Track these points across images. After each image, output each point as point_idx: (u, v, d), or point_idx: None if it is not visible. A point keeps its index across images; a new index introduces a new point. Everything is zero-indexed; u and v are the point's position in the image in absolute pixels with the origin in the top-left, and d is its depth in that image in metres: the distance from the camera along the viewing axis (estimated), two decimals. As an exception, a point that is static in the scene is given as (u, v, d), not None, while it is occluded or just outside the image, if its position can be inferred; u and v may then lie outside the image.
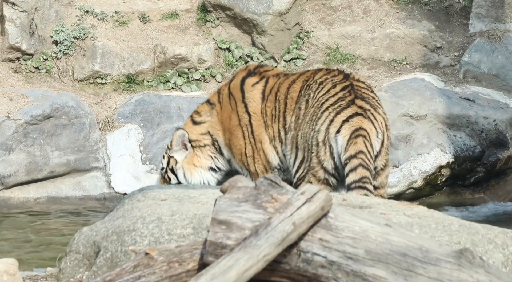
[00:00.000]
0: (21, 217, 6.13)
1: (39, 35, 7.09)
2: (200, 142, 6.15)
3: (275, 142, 5.91)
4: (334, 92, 5.62)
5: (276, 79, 6.04)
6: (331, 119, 5.49)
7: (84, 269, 3.61)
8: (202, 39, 7.34)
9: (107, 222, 3.74)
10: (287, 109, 5.84)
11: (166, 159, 6.21)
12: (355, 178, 5.28)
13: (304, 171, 5.63)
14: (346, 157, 5.34)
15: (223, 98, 6.13)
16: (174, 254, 3.05)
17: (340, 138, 5.42)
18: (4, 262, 3.37)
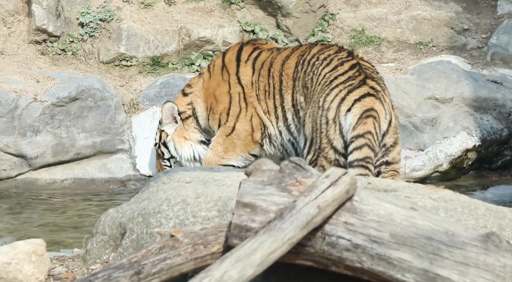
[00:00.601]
0: (48, 198, 6.19)
1: (65, 17, 7.13)
2: (185, 113, 6.11)
3: (270, 116, 5.87)
4: (343, 70, 5.58)
5: (269, 53, 6.00)
6: (342, 97, 5.46)
7: (110, 250, 3.65)
8: (226, 21, 7.33)
9: (132, 204, 3.77)
10: (284, 87, 5.79)
11: (158, 133, 6.20)
12: (359, 156, 5.31)
13: (314, 154, 5.57)
14: (353, 135, 5.35)
15: (214, 69, 6.08)
16: (199, 236, 3.07)
17: (350, 116, 5.41)
18: (32, 243, 3.42)
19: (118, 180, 6.58)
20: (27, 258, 3.36)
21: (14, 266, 3.33)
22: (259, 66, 5.97)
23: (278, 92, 5.84)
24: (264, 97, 5.90)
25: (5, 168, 6.43)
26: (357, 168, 5.31)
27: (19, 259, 3.34)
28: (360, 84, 5.50)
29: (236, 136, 5.94)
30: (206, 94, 6.04)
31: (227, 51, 6.20)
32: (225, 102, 5.96)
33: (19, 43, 7.09)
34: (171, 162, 6.15)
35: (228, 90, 5.97)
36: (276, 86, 5.85)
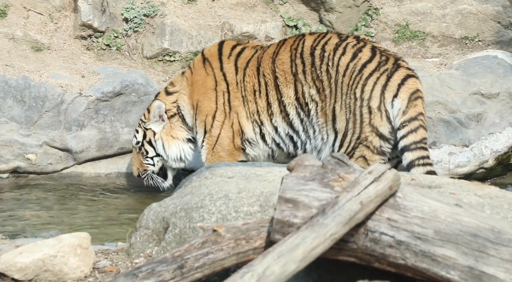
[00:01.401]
0: (93, 192, 6.26)
1: (110, 13, 7.19)
2: (170, 111, 6.05)
3: (260, 116, 5.80)
4: (367, 57, 5.53)
5: (253, 51, 5.94)
6: (383, 84, 5.43)
7: (153, 244, 3.67)
8: (269, 16, 7.32)
9: (175, 199, 3.79)
10: (281, 83, 5.73)
11: (141, 132, 6.11)
12: (416, 138, 5.32)
13: (350, 145, 5.52)
14: (406, 119, 5.35)
15: (196, 63, 6.03)
16: (241, 231, 3.07)
17: (398, 102, 5.39)
18: (77, 236, 3.46)
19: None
20: (73, 251, 3.40)
21: (60, 259, 3.37)
22: (243, 65, 5.90)
23: (274, 89, 5.76)
24: (253, 97, 5.82)
25: (51, 162, 6.53)
26: (416, 151, 5.33)
27: (64, 252, 3.38)
28: (396, 68, 5.48)
29: (220, 148, 5.90)
30: (191, 91, 5.98)
31: (204, 49, 6.18)
32: (212, 101, 5.89)
33: (65, 38, 7.18)
34: (155, 160, 6.09)
35: (215, 86, 5.91)
36: (270, 83, 5.77)
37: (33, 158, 6.48)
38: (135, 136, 6.14)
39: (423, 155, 5.38)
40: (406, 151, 5.36)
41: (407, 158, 5.38)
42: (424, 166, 5.39)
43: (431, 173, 5.38)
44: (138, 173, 6.12)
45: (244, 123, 5.84)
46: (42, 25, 7.16)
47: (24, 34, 7.04)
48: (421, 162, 5.37)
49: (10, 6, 7.11)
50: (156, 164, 6.09)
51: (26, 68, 6.63)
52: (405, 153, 5.36)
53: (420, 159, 5.37)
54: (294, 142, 5.80)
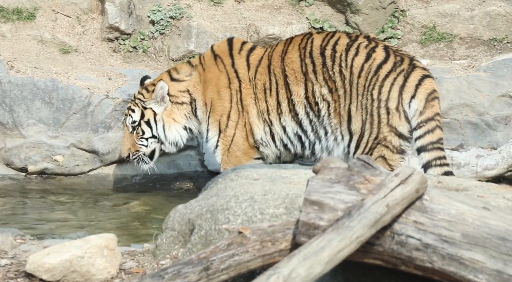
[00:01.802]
0: (119, 193, 6.29)
1: (137, 15, 7.24)
2: (178, 98, 5.98)
3: (270, 115, 5.80)
4: (382, 57, 5.55)
5: (263, 49, 5.95)
6: (400, 84, 5.45)
7: (179, 246, 3.69)
8: (295, 18, 7.32)
9: (201, 200, 3.80)
10: (291, 81, 5.72)
11: (138, 111, 5.96)
12: (433, 139, 5.36)
13: (368, 145, 5.52)
14: (423, 120, 5.39)
15: (206, 60, 5.98)
16: (267, 233, 3.07)
17: (416, 102, 5.42)
18: (104, 237, 3.48)
19: (186, 176, 6.64)
20: (100, 252, 3.42)
21: (87, 260, 3.39)
22: (255, 62, 5.90)
23: (283, 87, 5.75)
24: (264, 95, 5.82)
25: (78, 164, 6.57)
26: (432, 151, 5.35)
27: (91, 253, 3.40)
28: (412, 68, 5.51)
29: (236, 148, 5.88)
30: (204, 88, 5.94)
31: (213, 45, 6.11)
32: (226, 100, 5.86)
33: (93, 41, 7.23)
34: (149, 141, 5.99)
35: (228, 84, 5.88)
36: (280, 82, 5.77)
37: (60, 160, 6.53)
38: (130, 115, 5.97)
39: (440, 156, 5.39)
40: (422, 151, 5.38)
41: (423, 158, 5.40)
42: (441, 166, 5.40)
43: (448, 173, 5.39)
44: (129, 153, 5.97)
45: (254, 123, 5.83)
46: (70, 28, 7.22)
47: (52, 37, 7.11)
48: (438, 162, 5.39)
49: (39, 9, 7.18)
50: (149, 145, 5.98)
51: (54, 70, 6.69)
52: (422, 153, 5.38)
53: (437, 160, 5.39)
54: (302, 142, 5.80)
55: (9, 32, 7.05)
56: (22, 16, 7.11)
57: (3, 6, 7.10)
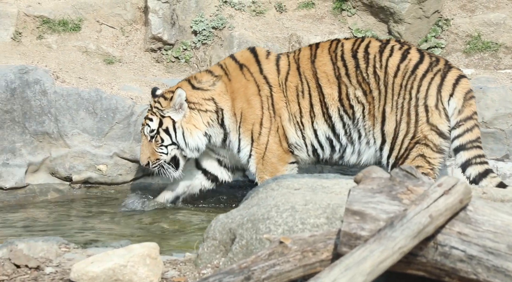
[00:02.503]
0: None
1: (180, 26, 7.30)
2: (201, 105, 5.92)
3: (303, 118, 5.78)
4: (417, 58, 5.62)
5: (285, 55, 5.93)
6: (438, 83, 5.52)
7: (220, 255, 3.69)
8: (337, 28, 7.30)
9: (242, 210, 3.80)
10: (323, 84, 5.73)
11: (156, 119, 5.93)
12: (472, 138, 5.44)
13: (404, 146, 5.52)
14: (461, 119, 5.46)
15: (231, 70, 5.95)
16: (308, 243, 3.06)
17: (454, 101, 5.49)
18: (147, 246, 3.50)
19: (227, 186, 6.65)
20: (142, 261, 3.44)
21: (130, 269, 3.42)
22: (284, 66, 5.89)
23: (316, 90, 5.76)
24: (296, 98, 5.81)
25: (121, 173, 6.63)
26: (472, 150, 5.42)
27: (134, 262, 3.43)
28: (448, 68, 5.60)
29: (271, 154, 5.85)
30: (232, 98, 5.90)
31: (234, 54, 6.07)
32: (257, 108, 5.84)
33: (136, 51, 7.31)
34: (169, 148, 5.95)
35: (258, 91, 5.86)
36: (312, 84, 5.77)
37: (104, 169, 6.59)
38: (148, 125, 5.95)
39: (480, 154, 5.44)
40: (461, 150, 5.43)
41: (462, 157, 5.44)
42: (482, 164, 5.44)
43: (489, 171, 5.44)
44: (148, 161, 5.95)
45: (286, 126, 5.82)
46: (114, 38, 7.31)
47: (97, 47, 7.21)
48: (477, 160, 5.43)
49: (84, 20, 7.29)
50: (169, 152, 5.95)
51: (98, 80, 6.77)
52: (461, 152, 5.43)
53: (476, 158, 5.43)
54: (333, 146, 5.80)
55: (55, 43, 7.17)
56: (68, 28, 7.23)
57: (50, 18, 7.22)
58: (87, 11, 7.33)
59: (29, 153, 6.53)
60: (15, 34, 7.11)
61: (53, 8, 7.25)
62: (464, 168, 5.45)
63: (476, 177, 5.48)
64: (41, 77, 6.54)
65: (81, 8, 7.32)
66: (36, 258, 3.76)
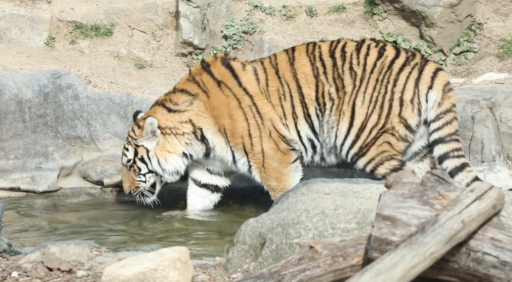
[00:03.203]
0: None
1: (210, 30, 7.32)
2: (178, 129, 5.88)
3: (287, 120, 5.79)
4: (393, 54, 5.72)
5: (259, 62, 5.95)
6: (416, 77, 5.62)
7: (250, 260, 3.69)
8: (368, 32, 7.27)
9: (272, 214, 3.79)
10: (302, 85, 5.77)
11: (131, 149, 5.92)
12: (451, 130, 5.55)
13: (371, 136, 5.62)
14: (442, 111, 5.56)
15: (210, 87, 5.91)
16: (338, 248, 3.04)
17: (434, 93, 5.58)
18: (177, 250, 3.51)
19: (258, 189, 6.65)
20: (172, 265, 3.45)
21: (160, 273, 3.43)
22: (262, 73, 5.89)
23: (296, 91, 5.79)
24: (279, 101, 5.81)
25: (151, 177, 6.66)
26: (451, 143, 5.53)
27: (165, 266, 3.44)
28: (425, 62, 5.69)
29: (271, 161, 5.82)
30: (214, 115, 5.87)
31: (209, 67, 5.99)
32: (242, 121, 5.82)
33: (167, 56, 7.35)
34: (147, 176, 5.96)
35: (239, 105, 5.84)
36: (292, 86, 5.80)
37: (135, 173, 6.62)
38: (125, 155, 5.97)
39: (457, 147, 5.55)
40: (440, 142, 5.53)
41: (441, 149, 5.54)
42: (459, 157, 5.55)
43: (465, 165, 5.55)
44: (130, 190, 5.98)
45: (279, 127, 5.81)
46: (145, 43, 7.36)
47: (128, 52, 7.26)
48: (455, 153, 5.55)
49: (116, 25, 7.35)
50: (148, 180, 5.97)
51: (129, 85, 6.82)
52: (439, 144, 5.53)
53: (454, 151, 5.54)
54: (314, 146, 5.83)
55: (87, 48, 7.24)
56: (100, 33, 7.29)
57: (82, 23, 7.29)
58: (119, 16, 7.39)
59: (62, 157, 6.59)
60: (48, 39, 7.20)
61: (85, 13, 7.32)
62: (441, 160, 5.54)
63: (452, 170, 5.55)
64: (73, 82, 6.60)
65: (113, 13, 7.38)
66: (68, 261, 3.79)
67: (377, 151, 5.69)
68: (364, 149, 5.70)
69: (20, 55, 6.91)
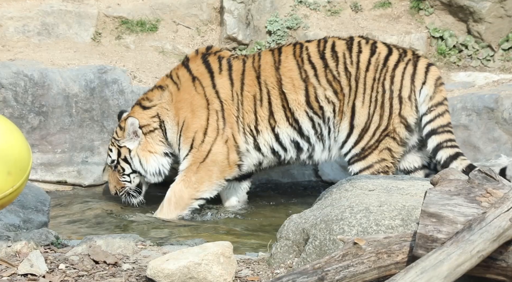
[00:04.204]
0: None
1: (254, 26, 7.33)
2: (149, 126, 5.86)
3: (259, 125, 5.73)
4: (386, 50, 5.72)
5: (241, 62, 5.86)
6: (411, 73, 5.64)
7: (293, 255, 3.69)
8: (414, 27, 7.20)
9: (315, 210, 3.79)
10: (287, 90, 5.71)
11: (115, 150, 5.93)
12: (443, 122, 5.58)
13: (375, 138, 5.62)
14: (433, 104, 5.60)
15: (183, 81, 5.85)
16: (383, 245, 3.03)
17: (426, 88, 5.63)
18: (221, 245, 3.53)
19: (300, 185, 6.64)
20: (216, 259, 3.47)
21: (204, 267, 3.45)
22: (238, 76, 5.82)
23: (278, 97, 5.72)
24: (253, 107, 5.75)
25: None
26: (443, 134, 5.57)
27: (208, 260, 3.46)
28: (417, 57, 5.73)
29: (212, 163, 5.75)
30: (177, 107, 5.81)
31: (188, 62, 5.95)
32: (203, 119, 5.75)
33: (211, 51, 7.37)
34: (131, 176, 5.93)
35: (207, 105, 5.78)
36: (274, 92, 5.73)
37: (179, 167, 6.65)
38: (109, 155, 5.98)
39: (450, 138, 5.58)
40: (433, 134, 5.57)
41: (434, 141, 5.57)
42: (452, 147, 5.58)
43: (459, 154, 5.57)
44: (116, 191, 5.97)
45: (238, 137, 5.75)
46: (190, 39, 7.40)
47: (173, 47, 7.31)
48: (448, 144, 5.58)
49: (161, 20, 7.40)
50: (132, 180, 5.94)
51: (174, 80, 6.85)
52: (432, 136, 5.57)
53: (447, 141, 5.58)
54: (300, 147, 5.80)
55: (133, 43, 7.31)
56: (145, 28, 7.35)
57: (128, 18, 7.36)
58: (164, 12, 7.44)
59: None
60: (95, 35, 7.28)
61: (131, 9, 7.39)
62: (435, 151, 5.58)
63: (447, 159, 5.58)
64: (119, 77, 6.67)
65: (159, 8, 7.44)
66: (114, 254, 3.84)
67: (378, 157, 5.71)
68: (366, 151, 5.71)
69: (68, 50, 7.01)
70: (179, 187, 5.76)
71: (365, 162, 5.72)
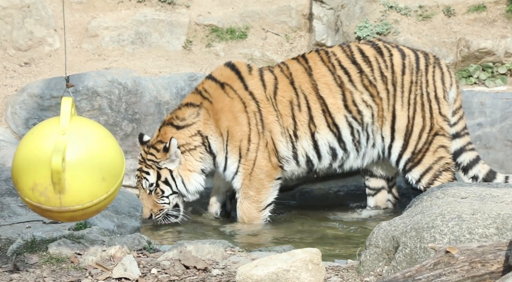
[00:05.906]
0: (322, 208, 6.34)
1: (343, 32, 7.30)
2: (190, 144, 5.74)
3: (298, 130, 5.67)
4: (412, 53, 5.77)
5: (269, 71, 5.80)
6: (440, 75, 5.74)
7: (383, 263, 3.64)
8: (510, 31, 7.01)
9: (405, 218, 3.74)
10: (325, 94, 5.69)
11: (153, 173, 5.76)
12: (463, 125, 5.79)
13: (422, 140, 5.67)
14: (456, 107, 5.79)
15: (212, 92, 5.74)
16: (476, 254, 2.95)
17: (453, 90, 5.80)
18: (309, 252, 3.52)
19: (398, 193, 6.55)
20: (304, 266, 3.47)
21: (293, 274, 3.45)
22: (270, 80, 5.73)
23: (317, 101, 5.68)
24: (290, 112, 5.67)
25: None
26: (464, 137, 5.79)
27: (297, 267, 3.46)
28: (438, 60, 5.84)
29: (258, 170, 5.68)
30: (216, 119, 5.71)
31: (212, 73, 5.86)
32: (244, 125, 5.66)
33: (300, 58, 7.39)
34: (171, 198, 5.78)
35: (244, 108, 5.68)
36: (311, 97, 5.68)
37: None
38: (146, 178, 5.79)
39: (469, 141, 5.83)
40: (456, 137, 5.77)
41: (458, 143, 5.78)
42: (472, 151, 5.81)
43: (479, 158, 5.79)
44: (151, 213, 5.79)
45: (278, 140, 5.69)
46: (279, 46, 7.43)
47: (262, 54, 7.36)
48: (469, 147, 5.80)
49: (250, 28, 7.47)
50: (171, 201, 5.81)
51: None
52: (456, 139, 5.76)
53: (468, 145, 5.80)
54: (335, 154, 5.75)
55: (223, 51, 7.40)
56: (235, 35, 7.44)
57: (218, 26, 7.47)
58: (253, 19, 7.51)
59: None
60: (186, 43, 7.42)
61: (221, 17, 7.49)
62: (458, 154, 5.75)
63: (470, 162, 5.80)
64: (209, 84, 6.75)
65: (248, 16, 7.51)
66: (204, 260, 3.89)
67: (434, 157, 5.69)
68: (419, 154, 5.70)
69: (160, 58, 7.16)
70: (245, 205, 5.80)
71: (422, 166, 5.71)
